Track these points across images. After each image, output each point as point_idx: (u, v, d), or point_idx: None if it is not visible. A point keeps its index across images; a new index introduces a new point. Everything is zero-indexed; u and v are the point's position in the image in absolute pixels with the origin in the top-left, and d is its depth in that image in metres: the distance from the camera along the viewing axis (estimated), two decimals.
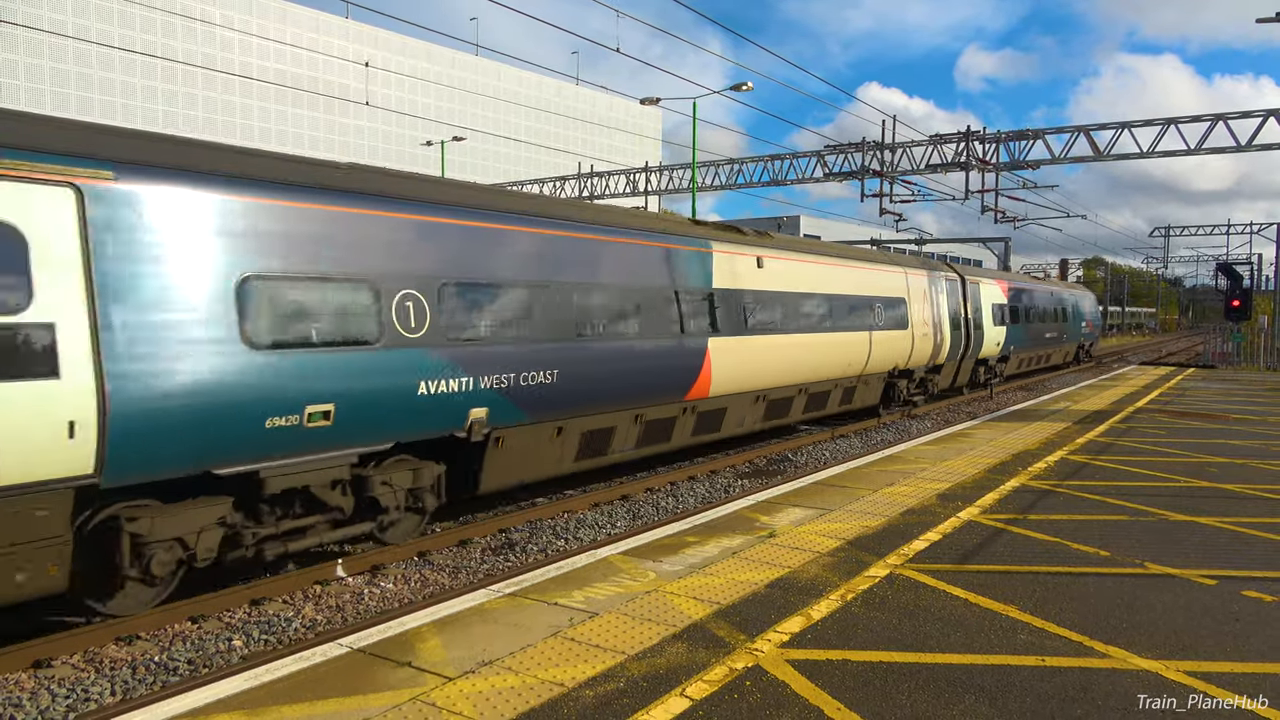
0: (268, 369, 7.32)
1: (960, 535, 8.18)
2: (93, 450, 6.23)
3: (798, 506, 9.42)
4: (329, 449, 7.97)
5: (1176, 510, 9.19)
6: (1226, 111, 24.24)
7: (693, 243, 13.23)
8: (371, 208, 8.45)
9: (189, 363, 6.80)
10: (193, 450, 6.91)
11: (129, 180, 6.61)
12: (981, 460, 12.39)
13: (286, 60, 49.45)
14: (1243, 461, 12.28)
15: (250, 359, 7.20)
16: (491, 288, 9.61)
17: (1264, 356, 37.86)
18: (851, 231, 71.26)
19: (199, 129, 44.78)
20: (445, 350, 8.89)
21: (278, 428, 7.42)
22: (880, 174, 28.90)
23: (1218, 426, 16.15)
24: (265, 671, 5.04)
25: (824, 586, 6.63)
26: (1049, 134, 26.93)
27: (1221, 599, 6.38)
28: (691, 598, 6.34)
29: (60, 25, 40.45)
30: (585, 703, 4.63)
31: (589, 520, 11.07)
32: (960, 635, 5.63)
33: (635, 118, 70.11)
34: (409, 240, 8.75)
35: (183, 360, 6.77)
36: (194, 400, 6.82)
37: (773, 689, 4.81)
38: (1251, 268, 52.04)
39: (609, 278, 11.34)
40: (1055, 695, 4.75)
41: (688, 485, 13.20)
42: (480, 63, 59.92)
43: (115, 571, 6.87)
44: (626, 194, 39.08)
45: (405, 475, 9.05)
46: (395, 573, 8.89)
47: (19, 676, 6.36)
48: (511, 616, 5.97)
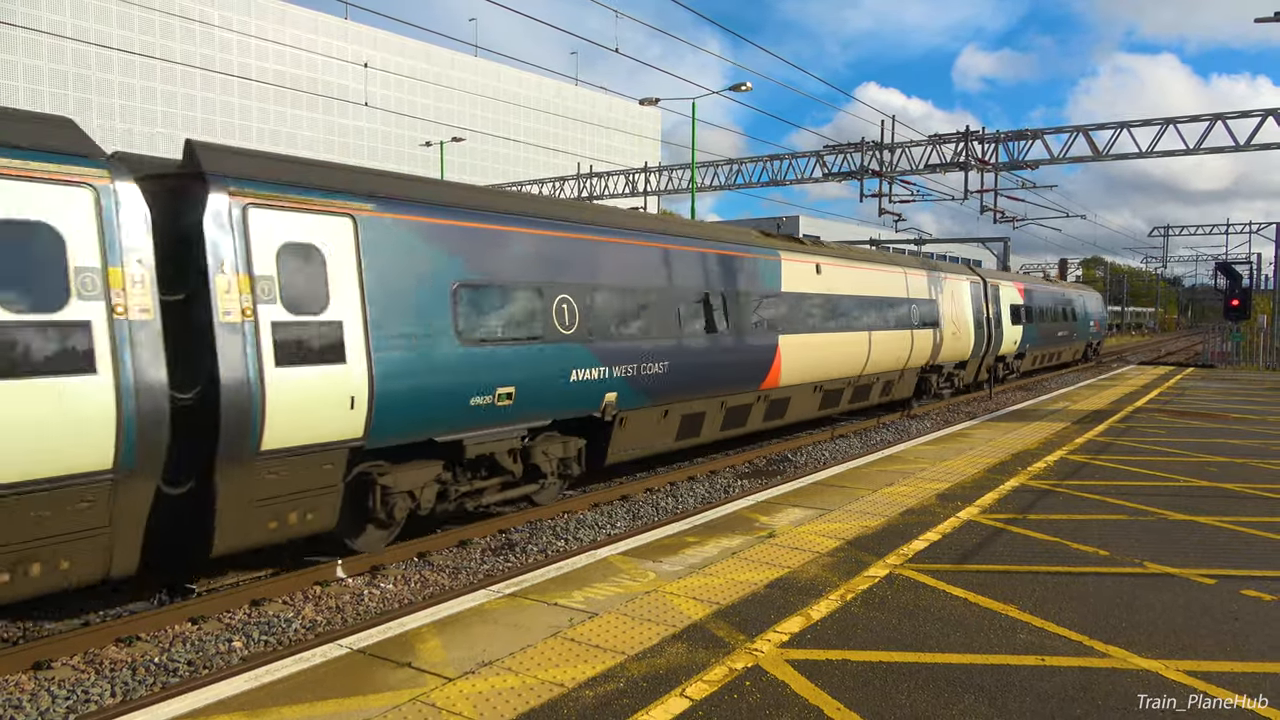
0: (472, 358, 9.31)
1: (960, 535, 8.18)
2: (364, 419, 8.19)
3: (797, 507, 9.43)
4: (509, 424, 10.03)
5: (1176, 510, 9.20)
6: (1225, 111, 24.27)
7: (766, 252, 15.25)
8: (539, 228, 10.50)
9: (423, 353, 8.76)
10: (425, 421, 8.96)
11: (383, 211, 8.57)
12: (981, 460, 12.40)
13: (285, 61, 49.43)
14: (1242, 461, 12.28)
15: (461, 350, 9.20)
16: (622, 292, 11.64)
17: (1263, 356, 37.88)
18: (850, 231, 71.25)
19: (198, 130, 44.77)
20: (589, 345, 10.89)
21: (477, 405, 9.45)
22: (879, 174, 28.90)
23: (1217, 426, 16.16)
24: (265, 672, 5.04)
25: (824, 586, 6.63)
26: (1048, 134, 26.95)
27: (1221, 598, 6.38)
28: (691, 598, 6.35)
29: (59, 26, 40.43)
30: (585, 703, 4.63)
31: (589, 520, 11.07)
32: (960, 635, 5.63)
33: (634, 118, 70.11)
34: (564, 254, 10.79)
35: (419, 351, 8.73)
36: (427, 381, 8.80)
37: (772, 689, 4.82)
38: (1251, 267, 52.07)
39: (705, 284, 13.36)
40: (1055, 695, 4.76)
41: (687, 485, 13.20)
42: (479, 63, 59.92)
43: (365, 515, 8.82)
44: (626, 194, 39.06)
45: (558, 447, 11.05)
46: (395, 573, 8.89)
47: (19, 678, 6.36)
48: (511, 617, 5.97)
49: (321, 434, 7.90)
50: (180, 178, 7.53)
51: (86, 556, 6.64)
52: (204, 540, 7.47)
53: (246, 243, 7.55)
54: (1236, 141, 23.97)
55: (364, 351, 8.22)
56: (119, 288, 6.70)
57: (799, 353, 15.37)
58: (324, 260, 8.02)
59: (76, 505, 6.46)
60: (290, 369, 7.67)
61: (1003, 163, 27.78)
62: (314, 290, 7.93)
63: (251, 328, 7.50)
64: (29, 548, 6.27)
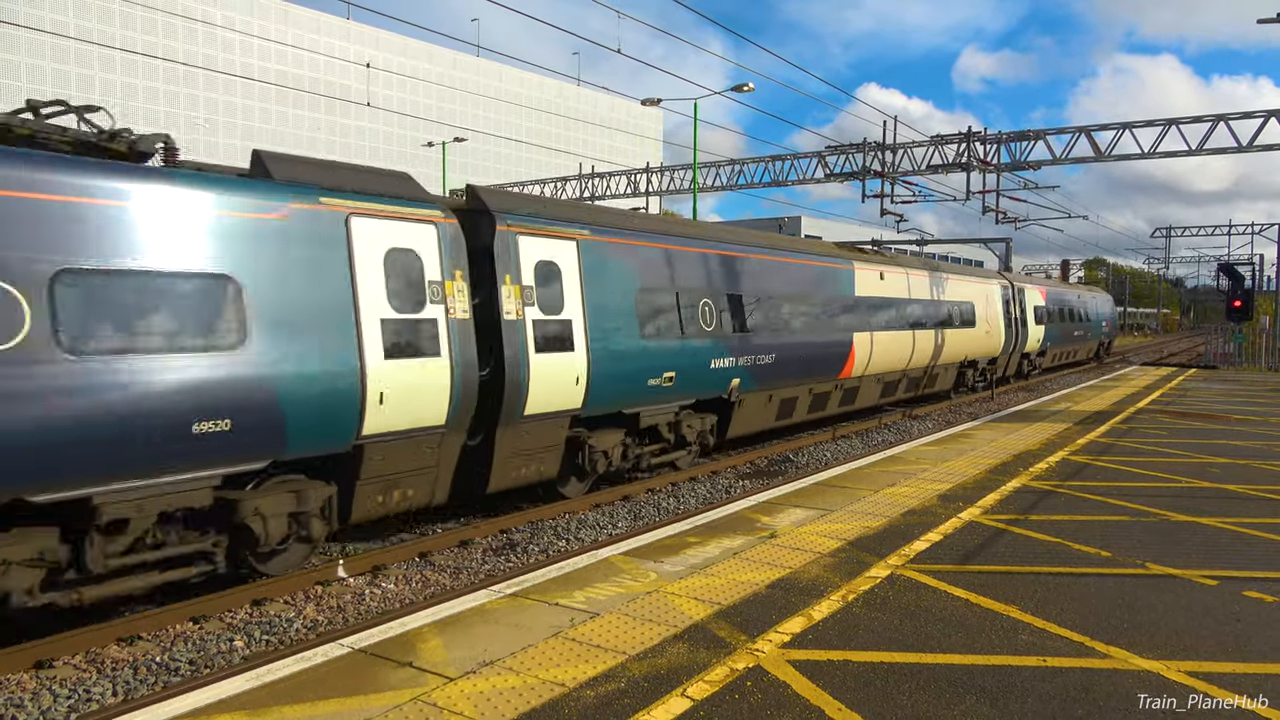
0: (648, 349, 12.02)
1: (961, 536, 8.18)
2: (583, 394, 10.87)
3: (799, 507, 9.42)
4: (669, 401, 12.67)
5: (1178, 511, 9.19)
6: (1228, 112, 24.23)
7: (843, 262, 18.14)
8: (690, 246, 13.36)
9: (619, 344, 11.46)
10: (619, 396, 11.63)
11: (594, 235, 11.40)
12: (983, 461, 12.39)
13: (287, 61, 49.49)
14: (1244, 462, 12.27)
15: (642, 343, 11.92)
16: (745, 297, 14.34)
17: (1265, 357, 37.83)
18: (852, 232, 71.22)
19: (199, 130, 44.82)
20: (723, 339, 13.56)
21: (651, 385, 12.14)
22: (881, 174, 28.88)
23: (1219, 427, 16.14)
24: (267, 672, 5.04)
25: (825, 587, 6.62)
26: (1050, 134, 26.90)
27: (1223, 599, 6.37)
28: (692, 598, 6.35)
29: (61, 26, 40.51)
30: (586, 703, 4.63)
31: (590, 520, 11.07)
32: (961, 636, 5.63)
33: (636, 118, 70.13)
34: (706, 266, 13.57)
35: (617, 342, 11.44)
36: (621, 366, 11.50)
37: (774, 689, 4.82)
38: (1253, 268, 51.97)
39: (800, 289, 16.13)
40: (1057, 696, 4.75)
41: (689, 486, 13.20)
42: (481, 63, 59.96)
43: (574, 469, 11.56)
44: (627, 194, 39.05)
45: (697, 421, 13.64)
46: (396, 573, 8.90)
47: (21, 677, 6.37)
48: (512, 617, 5.97)
49: (557, 404, 10.58)
50: (474, 213, 10.08)
51: (422, 488, 9.29)
52: (482, 481, 10.13)
53: (517, 261, 10.21)
54: (1239, 142, 23.92)
55: (585, 342, 10.93)
56: (450, 295, 9.26)
57: (867, 348, 18.16)
58: (560, 273, 10.76)
59: (422, 449, 9.04)
60: (543, 355, 10.34)
61: (1005, 163, 27.74)
62: (555, 296, 10.63)
63: (521, 324, 10.12)
64: (398, 477, 8.92)
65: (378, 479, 8.72)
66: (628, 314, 11.71)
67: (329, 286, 8.18)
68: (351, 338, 8.25)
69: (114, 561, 6.96)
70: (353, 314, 8.31)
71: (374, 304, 8.49)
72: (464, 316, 9.36)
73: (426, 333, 8.92)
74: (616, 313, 11.51)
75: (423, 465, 9.15)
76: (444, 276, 9.19)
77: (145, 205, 6.96)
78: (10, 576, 6.32)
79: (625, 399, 11.77)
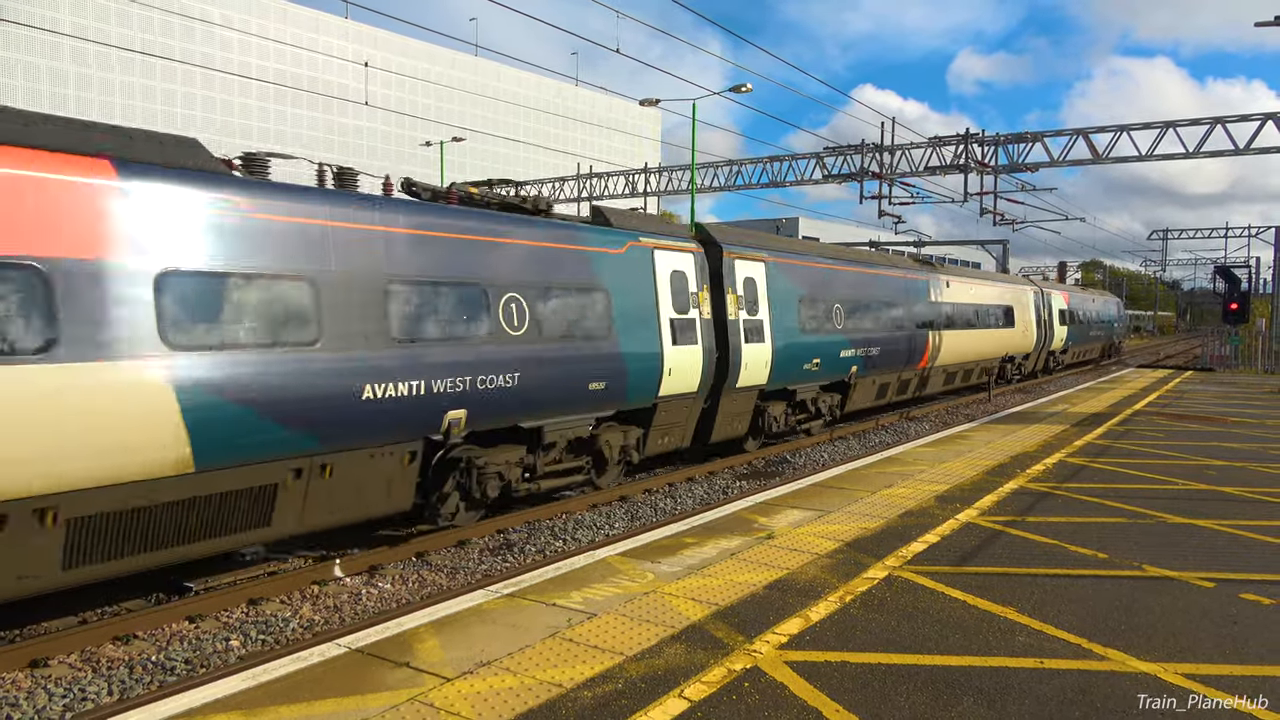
0: (805, 341, 15.94)
1: (959, 537, 8.18)
2: (768, 373, 14.80)
3: (796, 508, 9.42)
4: (815, 381, 16.72)
5: (1175, 513, 9.20)
6: (1224, 115, 24.28)
7: (921, 273, 22.49)
8: (828, 264, 17.60)
9: (789, 337, 15.40)
10: (787, 376, 15.57)
11: (773, 258, 15.43)
12: (980, 462, 12.40)
13: (286, 60, 49.40)
14: (1241, 464, 12.28)
15: (802, 337, 15.86)
16: (860, 300, 18.40)
17: (1261, 359, 37.90)
18: (850, 233, 71.22)
19: (198, 129, 44.73)
20: (846, 335, 17.52)
21: (805, 369, 16.09)
22: (879, 176, 28.89)
23: (1216, 429, 16.17)
24: (263, 671, 5.03)
25: (822, 588, 6.62)
26: (1048, 137, 26.94)
27: (1220, 601, 6.38)
28: (690, 599, 6.34)
29: (57, 24, 40.37)
30: (583, 703, 4.62)
31: (587, 521, 11.06)
32: (959, 637, 5.62)
33: (634, 119, 70.09)
34: (836, 279, 17.72)
35: (788, 336, 15.39)
36: (789, 354, 15.39)
37: (771, 690, 4.81)
38: (1249, 271, 52.01)
39: (894, 296, 20.24)
40: (1054, 697, 4.75)
41: (686, 486, 13.19)
42: (480, 63, 59.90)
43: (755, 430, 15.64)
44: (625, 194, 39.05)
45: (828, 398, 17.63)
46: (393, 573, 8.88)
47: (16, 675, 6.34)
48: (510, 617, 5.96)
49: (754, 380, 14.59)
50: (707, 244, 14.03)
51: (678, 435, 13.29)
52: (707, 434, 14.03)
53: (734, 277, 14.24)
54: (1236, 145, 23.97)
55: (770, 335, 14.90)
56: (701, 301, 13.26)
57: (939, 344, 22.23)
58: (756, 285, 14.80)
59: (683, 408, 13.05)
60: (748, 344, 14.31)
61: (1002, 165, 27.78)
62: (754, 302, 14.65)
63: (737, 323, 14.13)
64: (670, 426, 12.96)
65: (661, 426, 12.76)
66: (794, 315, 15.76)
67: (645, 296, 12.17)
68: (656, 330, 12.22)
69: (547, 468, 10.94)
70: (656, 315, 12.28)
71: (666, 308, 12.47)
72: (708, 316, 13.38)
73: (691, 328, 12.90)
74: (788, 314, 15.56)
75: (682, 419, 13.21)
76: (698, 288, 13.26)
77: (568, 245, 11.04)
78: (511, 470, 10.24)
79: (790, 378, 15.77)
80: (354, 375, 8.09)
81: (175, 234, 7.01)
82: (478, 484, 9.76)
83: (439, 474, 9.54)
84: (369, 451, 8.40)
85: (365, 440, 8.34)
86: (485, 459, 9.80)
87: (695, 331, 12.89)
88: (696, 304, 13.07)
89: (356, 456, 8.29)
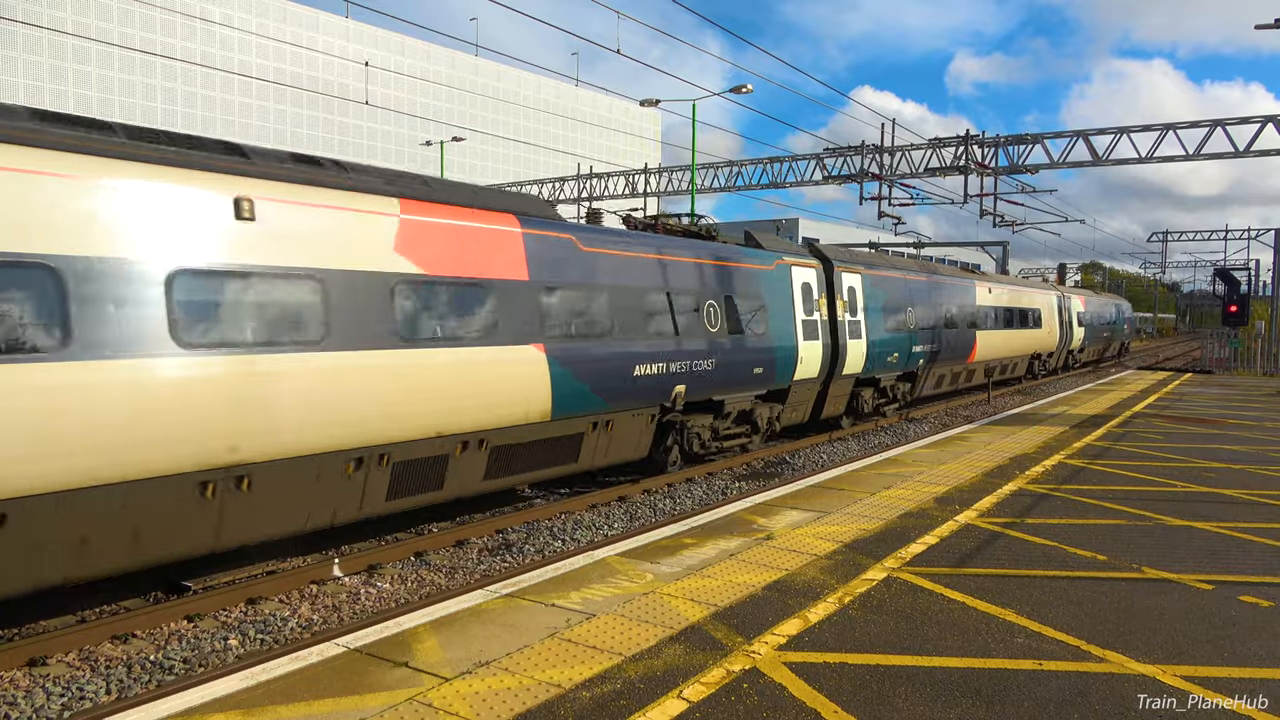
0: (888, 338, 19.28)
1: (957, 539, 8.18)
2: (863, 363, 18.24)
3: (795, 509, 9.42)
4: (893, 371, 20.08)
5: (1174, 515, 9.20)
6: (1224, 118, 24.29)
7: (969, 281, 26.07)
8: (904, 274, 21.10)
9: (877, 335, 18.77)
10: (874, 367, 18.85)
11: (867, 270, 18.91)
12: (979, 464, 12.40)
13: (286, 59, 49.40)
14: (1240, 467, 12.29)
15: (885, 334, 19.21)
16: (926, 305, 21.86)
17: (1261, 362, 37.91)
18: (850, 234, 71.30)
19: (198, 128, 44.73)
20: (916, 333, 20.96)
21: (887, 361, 19.41)
22: (879, 177, 28.90)
23: (1215, 432, 16.17)
24: (261, 671, 5.02)
25: (821, 589, 6.62)
26: (1048, 138, 26.95)
27: (1219, 604, 6.38)
28: (689, 599, 6.34)
29: (60, 22, 40.37)
30: (582, 704, 4.62)
31: (586, 521, 11.06)
32: (957, 639, 5.62)
33: (635, 119, 70.10)
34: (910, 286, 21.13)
35: (876, 334, 18.77)
36: (877, 349, 18.72)
37: (770, 691, 4.81)
38: (1249, 273, 52.01)
39: (952, 300, 23.77)
40: (1053, 699, 4.75)
41: (685, 487, 13.19)
42: (480, 63, 59.89)
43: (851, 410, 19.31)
44: (625, 195, 39.05)
45: (903, 385, 21.31)
46: (391, 573, 8.88)
47: (14, 674, 6.34)
48: (508, 617, 5.96)
49: (853, 370, 17.92)
50: (821, 259, 17.50)
51: (802, 411, 16.56)
52: (818, 413, 17.34)
53: (841, 287, 17.61)
54: (1236, 148, 23.98)
55: (865, 334, 18.35)
56: (821, 306, 16.49)
57: (981, 341, 25.69)
58: (856, 293, 18.24)
59: (806, 390, 16.35)
60: (851, 340, 17.67)
61: (1002, 167, 27.79)
62: (854, 306, 18.03)
63: (843, 323, 17.45)
64: (798, 404, 16.22)
65: (792, 404, 16.07)
66: (879, 317, 19.11)
67: (787, 303, 15.59)
68: (793, 329, 15.63)
69: (724, 432, 14.40)
70: (793, 317, 15.69)
71: (799, 311, 15.89)
72: (824, 318, 16.81)
73: (814, 327, 16.31)
74: (876, 316, 18.98)
75: (807, 399, 16.66)
76: (819, 295, 16.69)
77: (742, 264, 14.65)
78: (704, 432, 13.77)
79: (876, 369, 19.08)
80: (631, 359, 11.64)
81: (550, 262, 10.53)
82: (686, 441, 13.39)
83: (661, 433, 12.97)
84: (633, 412, 11.97)
85: (632, 404, 11.86)
86: (692, 422, 13.41)
87: (817, 330, 16.34)
88: (817, 308, 16.45)
89: (625, 416, 11.83)
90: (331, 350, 7.93)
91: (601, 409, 11.19)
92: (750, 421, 15.01)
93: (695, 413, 13.48)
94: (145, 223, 6.76)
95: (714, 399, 13.61)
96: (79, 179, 6.42)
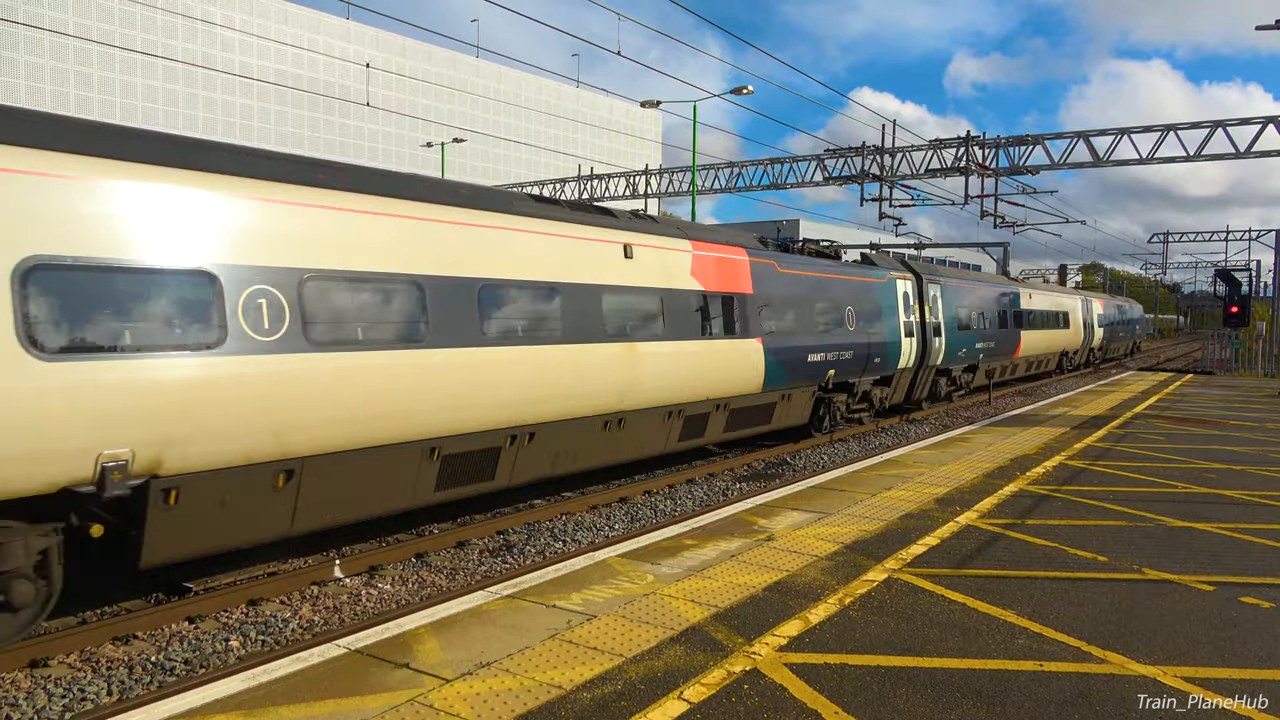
0: (959, 336, 23.55)
1: (958, 540, 8.18)
2: (942, 356, 22.58)
3: (796, 510, 9.42)
4: (961, 364, 24.12)
5: (1174, 516, 9.20)
6: (1225, 119, 24.29)
7: (1014, 287, 29.30)
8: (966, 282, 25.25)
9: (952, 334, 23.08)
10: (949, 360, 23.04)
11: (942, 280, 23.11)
12: (980, 465, 12.40)
13: (287, 61, 49.42)
14: (1241, 468, 12.28)
15: (957, 333, 23.44)
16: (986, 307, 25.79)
17: (1262, 363, 37.90)
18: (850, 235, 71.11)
19: (199, 129, 44.75)
20: (977, 333, 24.75)
21: (958, 355, 23.62)
22: (880, 178, 28.91)
23: (1216, 433, 16.17)
24: (262, 672, 5.03)
25: (822, 590, 6.62)
26: (1048, 139, 26.95)
27: (1219, 605, 6.38)
28: (689, 600, 6.34)
29: (61, 24, 40.40)
30: (583, 705, 4.62)
31: (587, 522, 11.06)
32: (958, 640, 5.63)
33: (635, 120, 70.10)
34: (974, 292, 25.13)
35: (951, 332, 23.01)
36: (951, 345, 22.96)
37: (770, 692, 4.81)
38: (1250, 274, 51.98)
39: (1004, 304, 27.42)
40: (1053, 700, 4.75)
41: (685, 488, 13.19)
42: (480, 64, 59.92)
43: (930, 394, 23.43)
44: (626, 196, 39.06)
45: (967, 376, 25.01)
46: (392, 574, 8.88)
47: (15, 676, 6.35)
48: (509, 619, 5.96)
49: (935, 362, 21.87)
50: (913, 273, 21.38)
51: (901, 393, 21.07)
52: (910, 394, 21.63)
53: (928, 294, 21.56)
54: (1236, 149, 23.98)
55: (944, 332, 22.25)
56: (914, 310, 20.84)
57: (1024, 339, 29.27)
58: (938, 299, 22.08)
59: (905, 376, 20.81)
60: (934, 337, 21.54)
61: (1003, 168, 27.79)
62: (936, 310, 21.76)
63: (930, 325, 21.45)
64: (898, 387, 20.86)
65: (896, 387, 20.27)
66: (953, 319, 23.00)
67: (893, 307, 19.61)
68: (898, 328, 19.62)
69: (853, 407, 18.60)
70: (898, 318, 19.68)
71: (901, 314, 19.89)
72: (917, 319, 20.80)
73: (911, 327, 20.36)
74: (950, 318, 22.80)
75: (905, 384, 20.80)
76: (915, 301, 20.78)
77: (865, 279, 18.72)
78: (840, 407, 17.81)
79: (950, 361, 22.93)
80: (806, 349, 15.68)
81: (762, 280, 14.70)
82: (831, 413, 17.46)
83: (815, 406, 16.91)
84: (803, 389, 15.93)
85: (804, 383, 15.84)
86: (835, 399, 17.45)
87: (913, 329, 20.48)
88: (912, 312, 20.58)
89: (798, 391, 15.76)
90: (668, 340, 12.21)
91: (787, 385, 15.21)
92: (868, 400, 19.23)
93: (836, 391, 17.50)
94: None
95: (849, 381, 17.72)
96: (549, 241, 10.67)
